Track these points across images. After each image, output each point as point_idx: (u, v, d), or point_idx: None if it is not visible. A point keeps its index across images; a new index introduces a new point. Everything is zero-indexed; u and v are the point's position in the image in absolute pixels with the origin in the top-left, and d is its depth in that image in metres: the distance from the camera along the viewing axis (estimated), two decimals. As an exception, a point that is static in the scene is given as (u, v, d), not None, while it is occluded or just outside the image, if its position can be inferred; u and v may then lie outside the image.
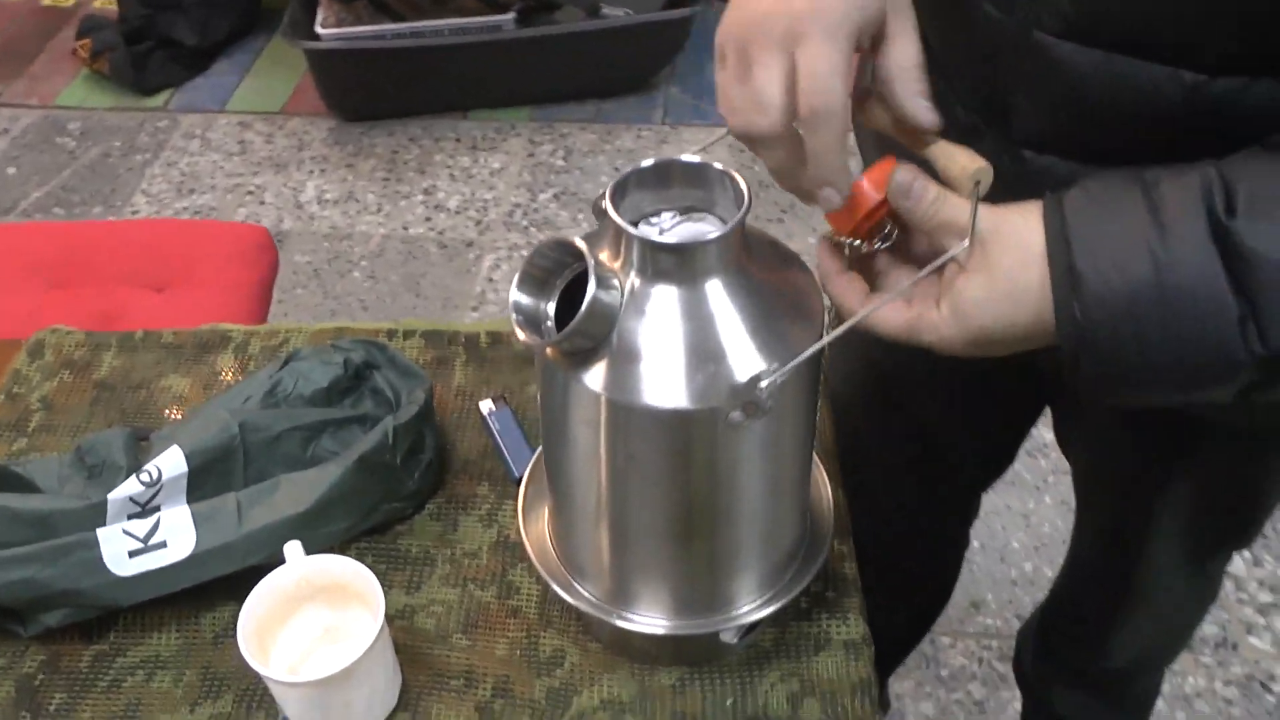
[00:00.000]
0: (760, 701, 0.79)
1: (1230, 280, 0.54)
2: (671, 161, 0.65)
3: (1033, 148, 0.71)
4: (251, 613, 0.74)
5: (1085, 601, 1.25)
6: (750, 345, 0.64)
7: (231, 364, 1.03)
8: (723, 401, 0.62)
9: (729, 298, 0.64)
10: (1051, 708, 1.40)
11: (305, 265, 2.36)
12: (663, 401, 0.63)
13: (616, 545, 0.73)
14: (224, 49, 2.93)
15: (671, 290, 0.63)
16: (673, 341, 0.63)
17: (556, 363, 0.65)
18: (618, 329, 0.63)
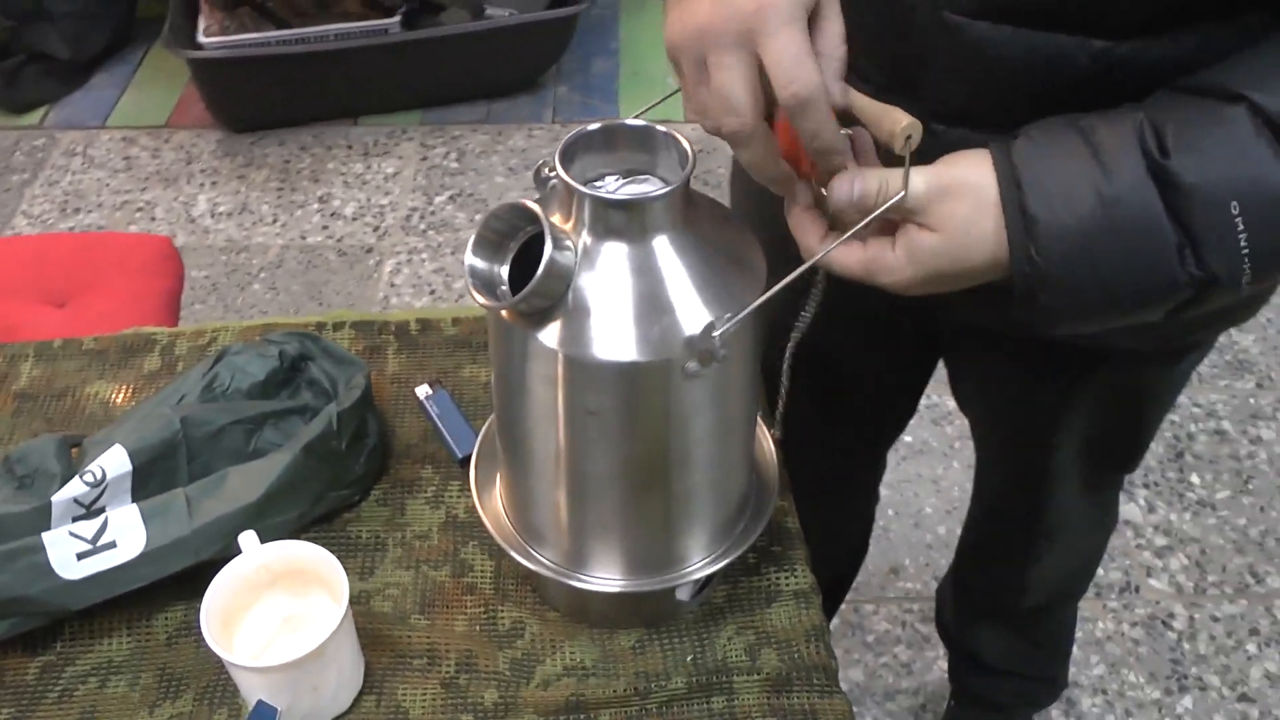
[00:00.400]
0: (719, 655, 0.81)
1: (1168, 212, 0.60)
2: (616, 125, 0.67)
3: (944, 121, 0.75)
4: (213, 603, 0.74)
5: (998, 546, 1.31)
6: (698, 298, 0.66)
7: (159, 366, 1.02)
8: (677, 352, 0.65)
9: (676, 253, 0.66)
10: (978, 657, 1.46)
11: (203, 280, 2.31)
12: (619, 355, 0.65)
13: (574, 504, 0.75)
14: (101, 62, 2.84)
15: (622, 247, 0.65)
16: (625, 296, 0.65)
17: (513, 324, 0.67)
18: (572, 287, 0.65)
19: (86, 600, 0.79)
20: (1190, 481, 1.94)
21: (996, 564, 1.34)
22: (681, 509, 0.76)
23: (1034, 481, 1.14)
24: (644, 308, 0.65)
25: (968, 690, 1.57)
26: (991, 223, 0.63)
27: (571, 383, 0.67)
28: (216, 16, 2.50)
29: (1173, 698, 1.66)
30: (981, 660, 1.46)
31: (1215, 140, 0.60)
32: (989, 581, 1.38)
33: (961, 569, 1.43)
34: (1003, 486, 1.22)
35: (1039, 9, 0.67)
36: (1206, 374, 2.12)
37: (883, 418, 1.25)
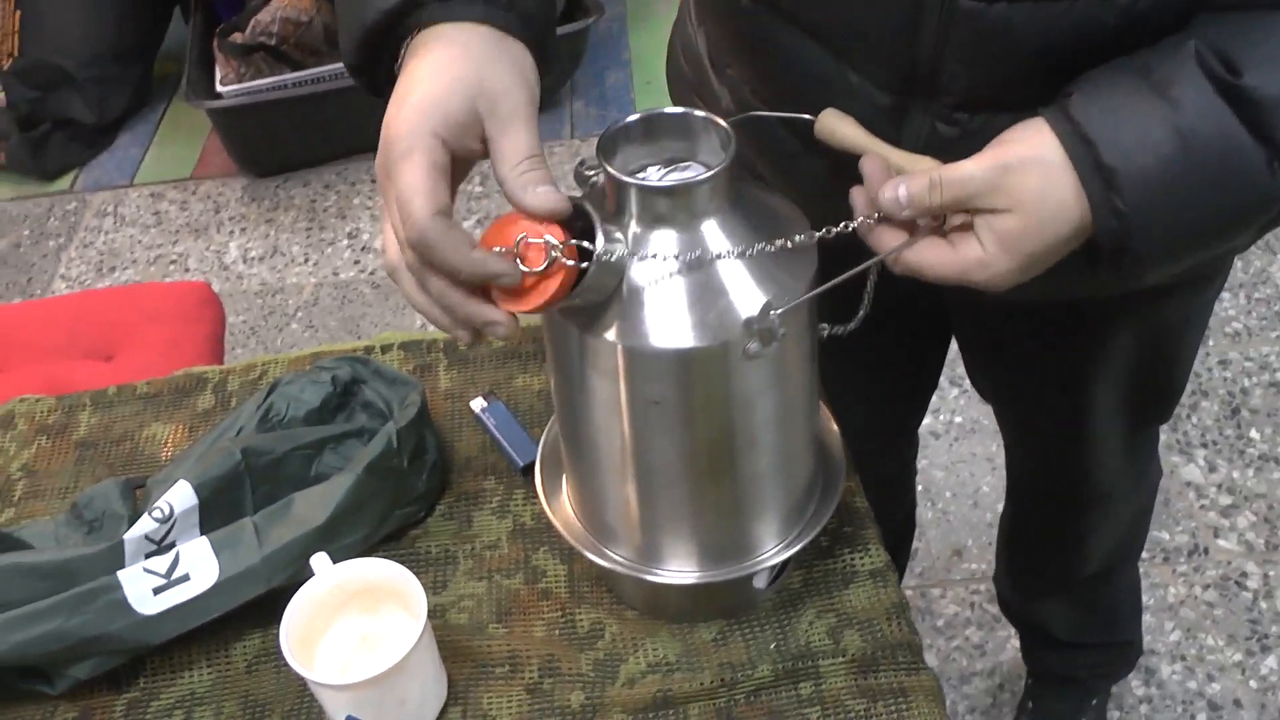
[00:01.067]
0: (802, 640, 0.80)
1: (1250, 130, 0.59)
2: (654, 113, 0.67)
3: (967, 109, 0.73)
4: (291, 626, 0.74)
5: (1046, 521, 1.29)
6: (752, 279, 0.66)
7: (213, 404, 1.02)
8: (735, 335, 0.64)
9: (726, 236, 0.66)
10: (1048, 633, 1.44)
11: (241, 325, 2.33)
12: (678, 342, 0.64)
13: (644, 497, 0.74)
14: (123, 122, 2.88)
15: (671, 234, 0.65)
16: (679, 283, 0.64)
17: (569, 321, 0.66)
18: (625, 279, 0.64)
19: (165, 634, 0.79)
20: (1250, 437, 1.91)
21: (1048, 539, 1.32)
22: (751, 494, 0.75)
23: (1071, 449, 1.11)
24: (698, 293, 0.65)
25: (1043, 667, 1.54)
26: (1068, 188, 0.62)
27: (632, 374, 0.67)
28: (232, 65, 2.52)
29: (1255, 658, 1.63)
30: (1052, 635, 1.44)
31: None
32: (1044, 558, 1.36)
33: (1014, 551, 1.41)
34: (1040, 461, 1.20)
35: None
36: (1256, 327, 2.09)
37: (902, 396, 1.23)
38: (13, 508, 0.97)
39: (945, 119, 0.73)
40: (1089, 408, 1.04)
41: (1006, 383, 1.10)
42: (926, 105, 0.74)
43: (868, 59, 0.74)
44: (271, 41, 2.51)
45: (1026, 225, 0.63)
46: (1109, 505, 1.20)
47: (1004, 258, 0.64)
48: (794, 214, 0.70)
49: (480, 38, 0.61)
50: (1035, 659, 1.55)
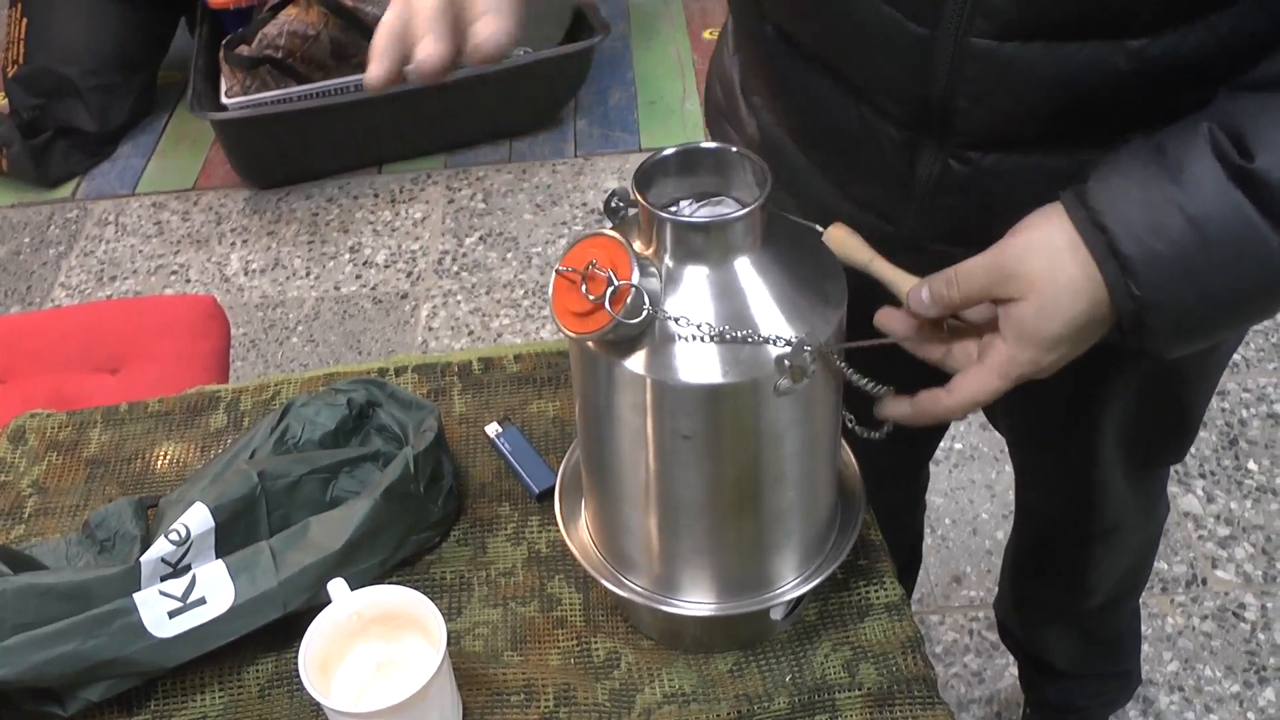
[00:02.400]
0: (818, 673, 0.80)
1: (1264, 214, 0.59)
2: (691, 147, 0.67)
3: (979, 148, 0.73)
4: (309, 652, 0.74)
5: (1053, 553, 1.30)
6: (783, 316, 0.66)
7: (225, 423, 1.02)
8: (766, 371, 0.64)
9: (758, 272, 0.66)
10: (1048, 663, 1.44)
11: (242, 338, 2.32)
12: (709, 378, 0.65)
13: (666, 529, 0.75)
14: (126, 131, 2.88)
15: (704, 270, 0.65)
16: (710, 318, 0.65)
17: (600, 353, 0.66)
18: (658, 313, 0.65)
19: (180, 658, 0.79)
20: (1247, 468, 1.92)
21: (1054, 572, 1.32)
22: (774, 528, 0.75)
23: (1080, 484, 1.12)
24: (731, 328, 0.65)
25: (1042, 697, 1.54)
26: (1075, 266, 0.63)
27: (662, 408, 0.67)
28: (237, 77, 2.53)
29: (1253, 690, 1.63)
30: (1052, 666, 1.44)
31: None
32: (1049, 589, 1.36)
33: (1019, 580, 1.41)
34: (1048, 493, 1.20)
35: (1068, 19, 0.65)
36: (1254, 358, 2.10)
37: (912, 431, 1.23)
38: (23, 525, 0.96)
39: (958, 157, 0.74)
40: (1100, 446, 1.05)
41: (1021, 419, 1.10)
42: (940, 142, 0.74)
43: (881, 94, 0.74)
44: (278, 55, 2.51)
45: (1039, 306, 0.64)
46: (1117, 539, 1.20)
47: (1027, 347, 0.65)
48: (824, 250, 0.71)
49: None
50: (1034, 687, 1.55)
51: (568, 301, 0.65)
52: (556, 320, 0.65)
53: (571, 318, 0.65)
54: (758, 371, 0.65)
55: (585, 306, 0.64)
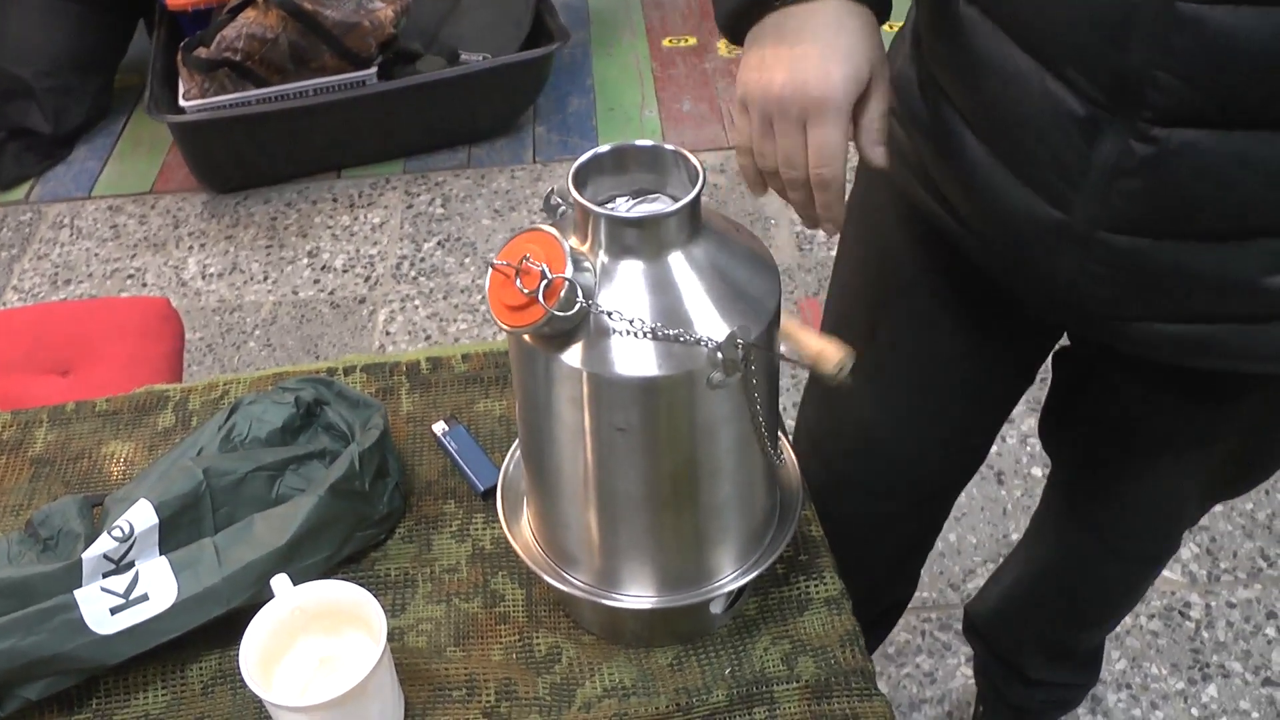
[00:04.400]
0: (757, 666, 0.81)
1: None
2: (626, 146, 0.68)
3: (1167, 124, 0.68)
4: (250, 647, 0.74)
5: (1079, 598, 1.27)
6: (716, 310, 0.67)
7: (173, 422, 1.02)
8: (700, 364, 0.66)
9: (691, 268, 0.67)
10: (1019, 669, 1.43)
11: (199, 342, 2.31)
12: (643, 370, 0.66)
13: (605, 523, 0.76)
14: (82, 134, 2.85)
15: (639, 265, 0.66)
16: (645, 313, 0.66)
17: (536, 348, 0.67)
18: (592, 308, 0.66)
19: (121, 655, 0.79)
20: (1195, 471, 1.95)
21: (1076, 616, 1.30)
22: (711, 521, 0.76)
23: (1146, 517, 1.07)
24: (665, 322, 0.66)
25: (1001, 697, 1.56)
26: None
27: (598, 401, 0.68)
28: (196, 80, 2.51)
29: (1197, 687, 1.66)
30: (1024, 673, 1.44)
31: None
32: (1061, 616, 1.34)
33: (1025, 604, 1.36)
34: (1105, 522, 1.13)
35: None
36: (1201, 364, 2.14)
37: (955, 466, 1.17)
38: (-34, 524, 0.96)
39: (1142, 135, 0.68)
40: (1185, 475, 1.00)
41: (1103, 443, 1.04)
42: (1127, 118, 0.69)
43: (1072, 64, 0.70)
44: (236, 57, 2.50)
45: None
46: (1152, 569, 1.20)
47: None
48: (760, 249, 0.72)
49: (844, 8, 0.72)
50: (995, 688, 1.56)
51: (503, 295, 0.66)
52: (492, 314, 0.66)
53: (507, 311, 0.66)
54: (691, 364, 0.66)
55: (520, 300, 0.65)
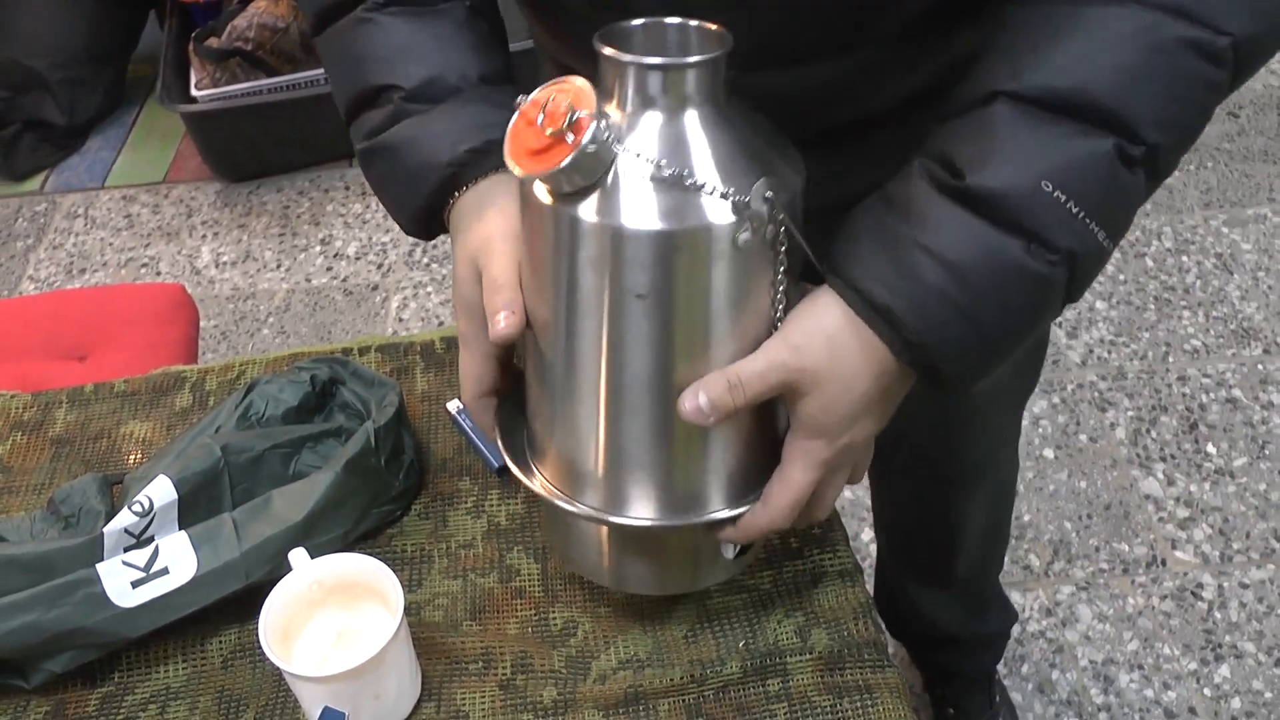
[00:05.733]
0: (770, 638, 0.82)
1: (994, 225, 0.61)
2: (653, 21, 0.67)
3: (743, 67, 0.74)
4: (269, 620, 0.75)
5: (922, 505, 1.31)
6: (740, 168, 0.64)
7: (190, 402, 1.03)
8: (725, 220, 0.63)
9: (716, 126, 0.65)
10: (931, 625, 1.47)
11: (213, 329, 2.33)
12: (666, 223, 0.63)
13: (617, 418, 0.70)
14: (95, 125, 2.88)
15: (662, 118, 0.64)
16: (669, 167, 0.63)
17: (551, 203, 0.64)
18: (614, 162, 0.63)
19: (143, 628, 0.80)
20: (1207, 451, 1.95)
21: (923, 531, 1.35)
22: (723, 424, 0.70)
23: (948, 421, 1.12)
24: (688, 177, 0.63)
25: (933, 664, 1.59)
26: (854, 346, 0.64)
27: (617, 261, 0.64)
28: (208, 69, 2.53)
29: (1209, 667, 1.66)
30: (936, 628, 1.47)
31: (992, 141, 0.61)
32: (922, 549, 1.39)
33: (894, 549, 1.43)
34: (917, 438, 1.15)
35: None
36: (1213, 344, 2.14)
37: None
38: (-13, 504, 0.97)
39: None
40: None
41: None
42: None
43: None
44: (248, 47, 2.51)
45: (824, 401, 0.65)
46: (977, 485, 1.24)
47: (821, 437, 0.66)
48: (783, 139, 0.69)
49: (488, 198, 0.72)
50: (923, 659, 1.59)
51: (525, 139, 0.63)
52: (511, 163, 0.63)
53: (528, 157, 0.63)
54: (716, 219, 0.63)
55: (543, 142, 0.61)
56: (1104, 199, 0.61)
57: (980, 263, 0.61)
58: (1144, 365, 2.11)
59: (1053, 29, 0.62)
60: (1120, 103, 0.60)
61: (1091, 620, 1.73)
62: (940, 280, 0.61)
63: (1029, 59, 0.62)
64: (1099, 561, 1.81)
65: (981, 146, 0.61)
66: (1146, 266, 2.32)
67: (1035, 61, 0.61)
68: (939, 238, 0.61)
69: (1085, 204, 0.60)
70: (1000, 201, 0.60)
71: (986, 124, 0.62)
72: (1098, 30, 0.60)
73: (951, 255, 0.61)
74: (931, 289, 0.62)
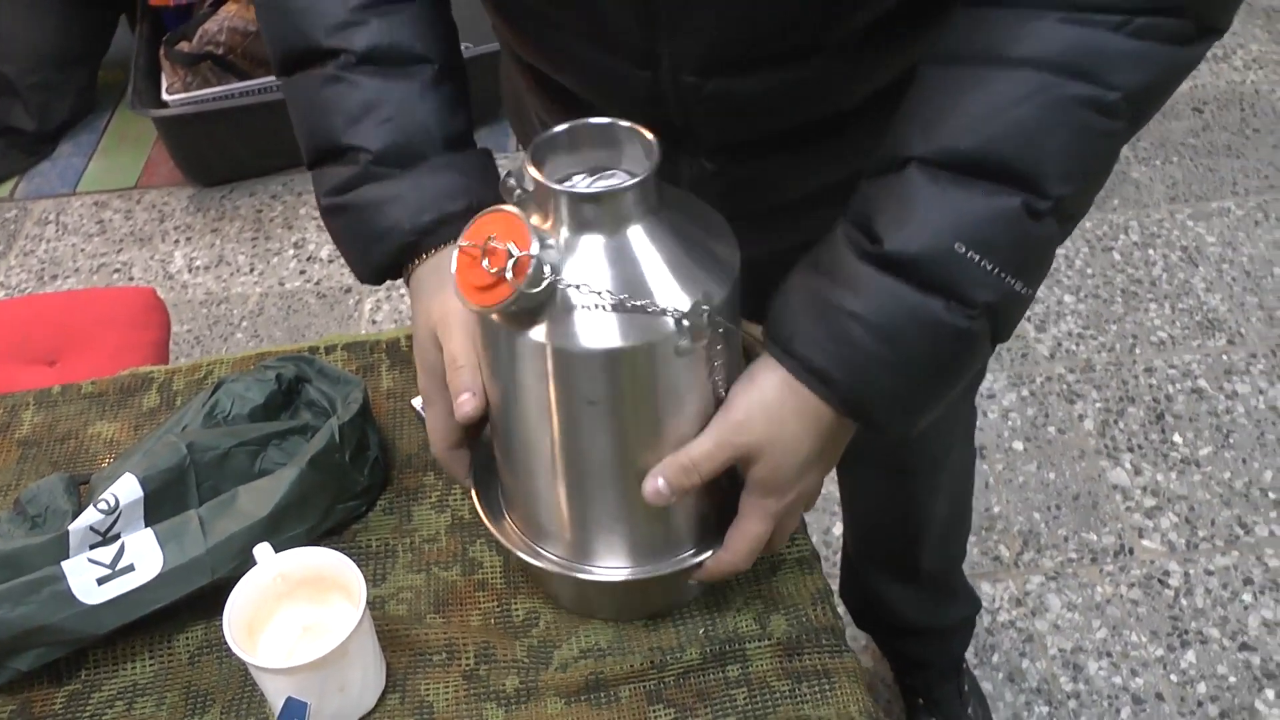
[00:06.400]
0: (730, 625, 0.83)
1: (914, 287, 0.65)
2: (580, 124, 0.70)
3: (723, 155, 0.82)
4: (234, 614, 0.76)
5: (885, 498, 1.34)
6: (678, 279, 0.69)
7: (158, 403, 1.04)
8: (665, 333, 0.67)
9: (651, 240, 0.69)
10: (899, 616, 1.49)
11: (186, 334, 2.33)
12: (609, 342, 0.67)
13: (577, 497, 0.77)
14: (66, 130, 2.87)
15: (600, 239, 0.68)
16: (609, 286, 0.67)
17: (503, 327, 0.69)
18: (557, 284, 0.67)
19: (109, 625, 0.81)
20: (1173, 441, 1.98)
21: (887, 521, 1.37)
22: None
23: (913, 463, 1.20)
24: (629, 294, 0.67)
25: (902, 655, 1.61)
26: (792, 403, 0.68)
27: (567, 375, 0.69)
28: (179, 74, 2.53)
29: (1176, 653, 1.69)
30: (905, 620, 1.49)
31: (906, 207, 0.65)
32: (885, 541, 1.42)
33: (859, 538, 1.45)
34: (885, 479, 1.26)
35: None
36: (1179, 335, 2.17)
37: None
38: (-45, 506, 0.97)
39: (709, 158, 0.83)
40: None
41: None
42: (692, 151, 0.83)
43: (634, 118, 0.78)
44: (219, 51, 2.51)
45: (773, 465, 0.70)
46: (935, 477, 1.27)
47: (774, 494, 0.72)
48: (714, 217, 0.74)
49: None
50: (892, 649, 1.61)
51: (470, 276, 0.68)
52: (460, 295, 0.68)
53: (474, 292, 0.67)
54: (658, 334, 0.67)
55: (487, 280, 0.66)
56: (1016, 251, 0.65)
57: (904, 323, 0.65)
58: (1111, 357, 2.14)
59: (956, 90, 0.65)
60: (1024, 161, 0.63)
61: (1060, 609, 1.75)
62: (869, 342, 0.66)
63: (936, 121, 0.65)
64: (1068, 551, 1.83)
65: (896, 213, 0.65)
66: (1114, 260, 2.35)
67: (941, 123, 0.65)
68: (864, 302, 0.65)
69: (998, 259, 0.64)
70: (916, 265, 0.64)
71: (901, 189, 0.65)
72: (997, 92, 0.64)
73: (876, 319, 0.65)
74: (860, 349, 0.66)
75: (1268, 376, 2.08)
